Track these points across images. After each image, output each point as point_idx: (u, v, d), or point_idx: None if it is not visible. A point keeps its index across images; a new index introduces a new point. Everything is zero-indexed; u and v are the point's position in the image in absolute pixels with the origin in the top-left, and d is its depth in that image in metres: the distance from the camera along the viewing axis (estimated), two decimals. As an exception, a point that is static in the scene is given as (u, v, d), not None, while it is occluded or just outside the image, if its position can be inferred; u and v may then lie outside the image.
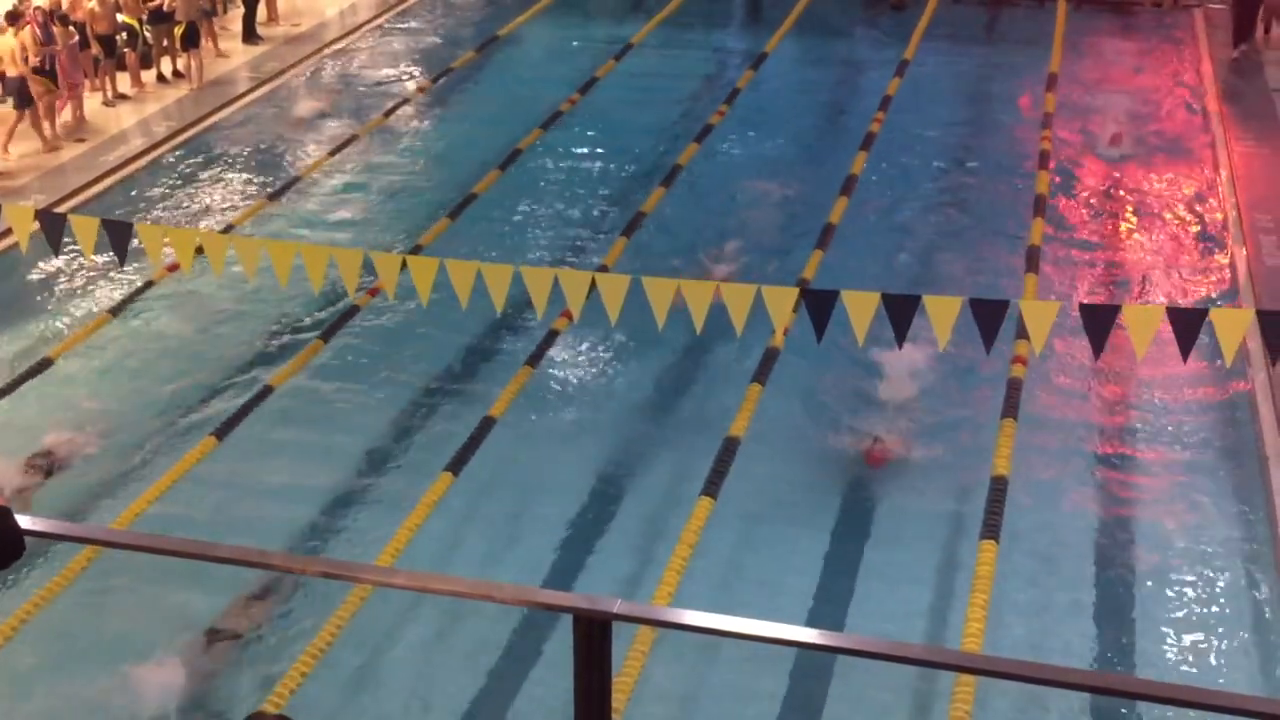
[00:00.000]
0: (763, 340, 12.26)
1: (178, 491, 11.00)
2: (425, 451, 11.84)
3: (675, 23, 23.53)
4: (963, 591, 9.77)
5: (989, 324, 9.76)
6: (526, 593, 3.12)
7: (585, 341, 13.09)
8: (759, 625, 3.16)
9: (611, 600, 3.09)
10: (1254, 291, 13.90)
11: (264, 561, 3.26)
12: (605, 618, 3.11)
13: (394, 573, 3.20)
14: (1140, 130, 18.84)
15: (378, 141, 18.65)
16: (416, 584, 3.23)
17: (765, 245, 15.78)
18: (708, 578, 10.00)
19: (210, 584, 9.80)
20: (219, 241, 11.70)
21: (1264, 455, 11.55)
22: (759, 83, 20.79)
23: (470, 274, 10.40)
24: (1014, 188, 16.90)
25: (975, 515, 10.52)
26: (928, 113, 19.55)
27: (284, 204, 16.60)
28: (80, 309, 14.14)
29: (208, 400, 12.63)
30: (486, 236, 15.41)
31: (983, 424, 11.90)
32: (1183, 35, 22.65)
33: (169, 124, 18.81)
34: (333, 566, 3.16)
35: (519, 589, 3.41)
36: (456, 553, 10.55)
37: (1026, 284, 13.99)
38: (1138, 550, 10.79)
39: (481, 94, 21.07)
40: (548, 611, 5.91)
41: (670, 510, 10.88)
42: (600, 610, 3.09)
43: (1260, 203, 15.86)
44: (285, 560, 3.61)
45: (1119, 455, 11.96)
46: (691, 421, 12.40)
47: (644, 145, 18.66)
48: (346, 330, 13.58)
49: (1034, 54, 21.40)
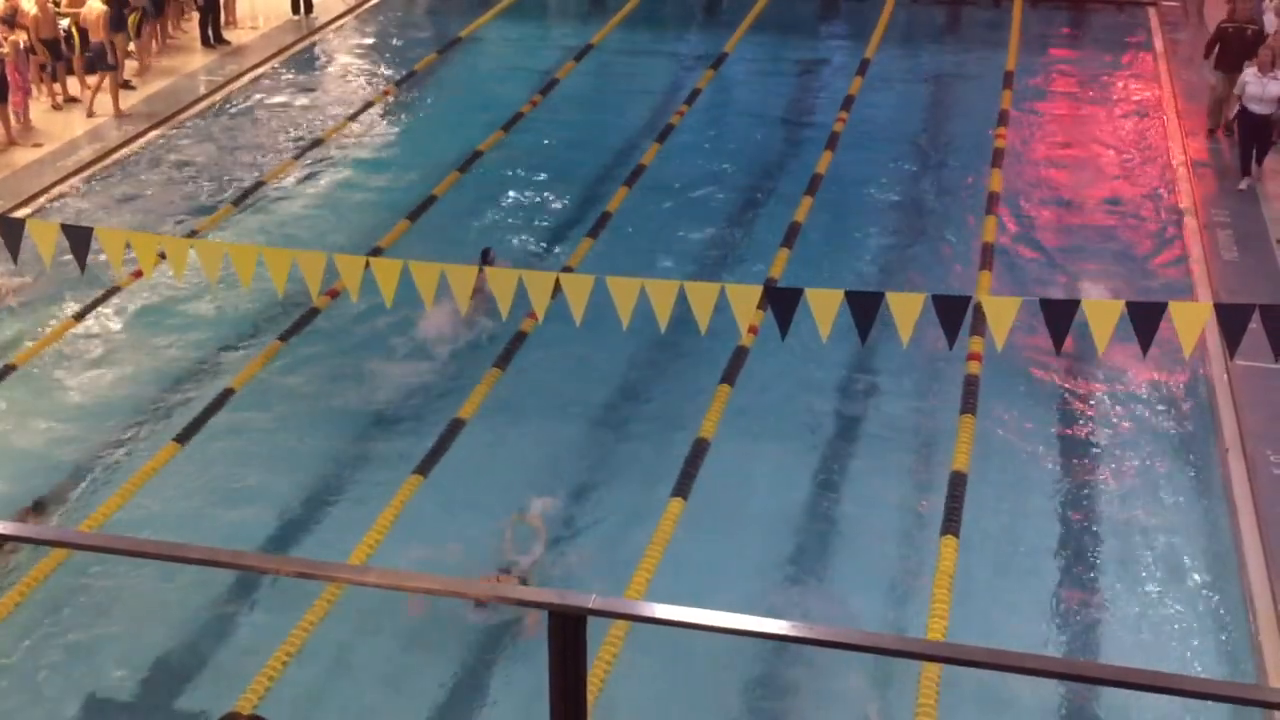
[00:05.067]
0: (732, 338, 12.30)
1: (141, 497, 10.95)
2: (393, 454, 11.82)
3: (635, 23, 23.57)
4: (925, 586, 9.87)
5: (951, 319, 9.87)
6: (501, 589, 3.14)
7: (552, 342, 13.08)
8: (734, 619, 3.19)
9: (586, 596, 3.12)
10: (1211, 286, 14.06)
11: (237, 562, 3.26)
12: (580, 613, 3.13)
13: (367, 571, 3.22)
14: (1094, 128, 19.04)
15: (340, 145, 18.58)
16: (390, 582, 3.23)
17: (730, 244, 15.86)
18: (678, 575, 10.03)
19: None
20: (180, 246, 11.65)
21: (1223, 447, 11.69)
22: (720, 82, 20.87)
23: (434, 276, 10.40)
24: (969, 185, 17.03)
25: (936, 511, 10.63)
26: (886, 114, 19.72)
27: (246, 208, 16.53)
28: (41, 315, 14.02)
29: (170, 405, 12.56)
30: (449, 238, 15.38)
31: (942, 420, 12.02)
32: (1138, 34, 22.88)
33: (127, 128, 18.67)
34: (307, 566, 3.17)
35: (493, 585, 3.42)
36: (426, 554, 10.53)
37: (980, 280, 14.11)
38: (1097, 542, 10.90)
39: (443, 96, 21.04)
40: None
41: (641, 509, 10.90)
42: (575, 605, 3.11)
43: (1215, 198, 16.05)
44: (259, 560, 3.62)
45: (1078, 448, 12.07)
46: (661, 420, 12.42)
47: (606, 146, 18.68)
48: (308, 332, 13.54)
49: (991, 53, 21.58)
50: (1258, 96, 15.81)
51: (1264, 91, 15.77)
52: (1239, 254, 14.71)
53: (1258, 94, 15.81)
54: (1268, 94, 15.76)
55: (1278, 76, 15.71)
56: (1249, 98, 15.90)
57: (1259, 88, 15.81)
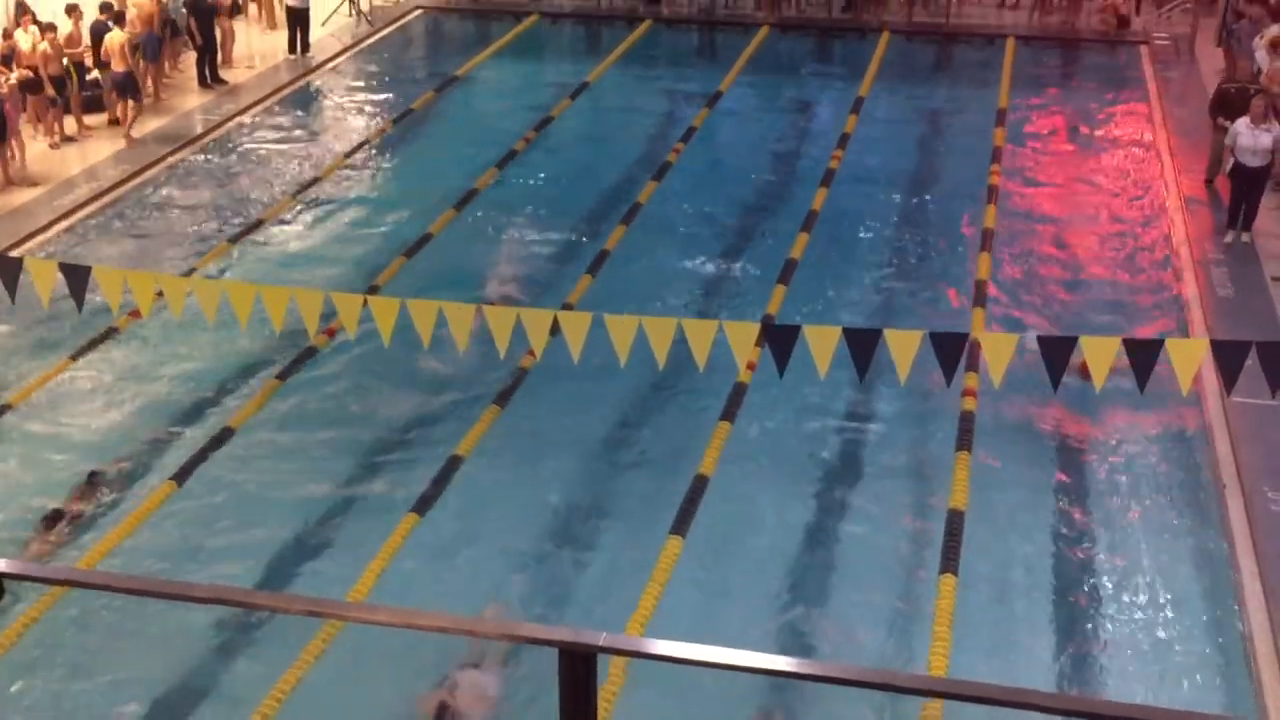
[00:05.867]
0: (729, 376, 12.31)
1: (136, 537, 10.93)
2: (391, 491, 11.81)
3: (631, 61, 23.70)
4: (925, 624, 9.86)
5: (949, 356, 9.91)
6: (510, 627, 3.14)
7: (550, 379, 13.07)
8: (740, 655, 3.19)
9: (596, 634, 3.11)
10: (1206, 323, 14.10)
11: (247, 600, 3.26)
12: (590, 650, 3.12)
13: (378, 609, 3.20)
14: (1087, 166, 19.14)
15: (337, 183, 18.62)
16: (401, 620, 3.23)
17: (727, 281, 15.91)
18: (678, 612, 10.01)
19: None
20: (178, 284, 11.66)
21: (1220, 484, 11.70)
22: (715, 120, 20.98)
23: (432, 313, 10.43)
24: (963, 222, 17.09)
25: (934, 548, 10.63)
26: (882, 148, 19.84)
27: (243, 247, 16.53)
28: (39, 354, 13.99)
29: (166, 444, 12.54)
30: (446, 276, 15.40)
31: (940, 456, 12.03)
32: (1131, 73, 23.02)
33: (124, 167, 18.71)
34: (316, 605, 3.16)
35: (502, 623, 3.41)
36: (423, 591, 10.49)
37: (975, 317, 14.15)
38: (1095, 578, 10.89)
39: (440, 134, 21.12)
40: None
41: (640, 547, 10.88)
42: (585, 643, 3.10)
43: (1210, 235, 16.10)
44: (268, 599, 3.60)
45: (1075, 484, 12.07)
46: (659, 458, 12.42)
47: (602, 183, 18.76)
48: (307, 370, 13.54)
49: (984, 91, 21.71)
50: (1250, 148, 15.64)
51: (1256, 143, 15.62)
52: (1234, 291, 14.75)
53: (1250, 145, 15.64)
54: (1259, 145, 15.62)
55: (1270, 128, 15.65)
56: (1241, 149, 15.72)
57: (1251, 139, 15.64)
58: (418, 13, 26.78)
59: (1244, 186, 15.88)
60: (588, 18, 26.49)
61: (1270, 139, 15.56)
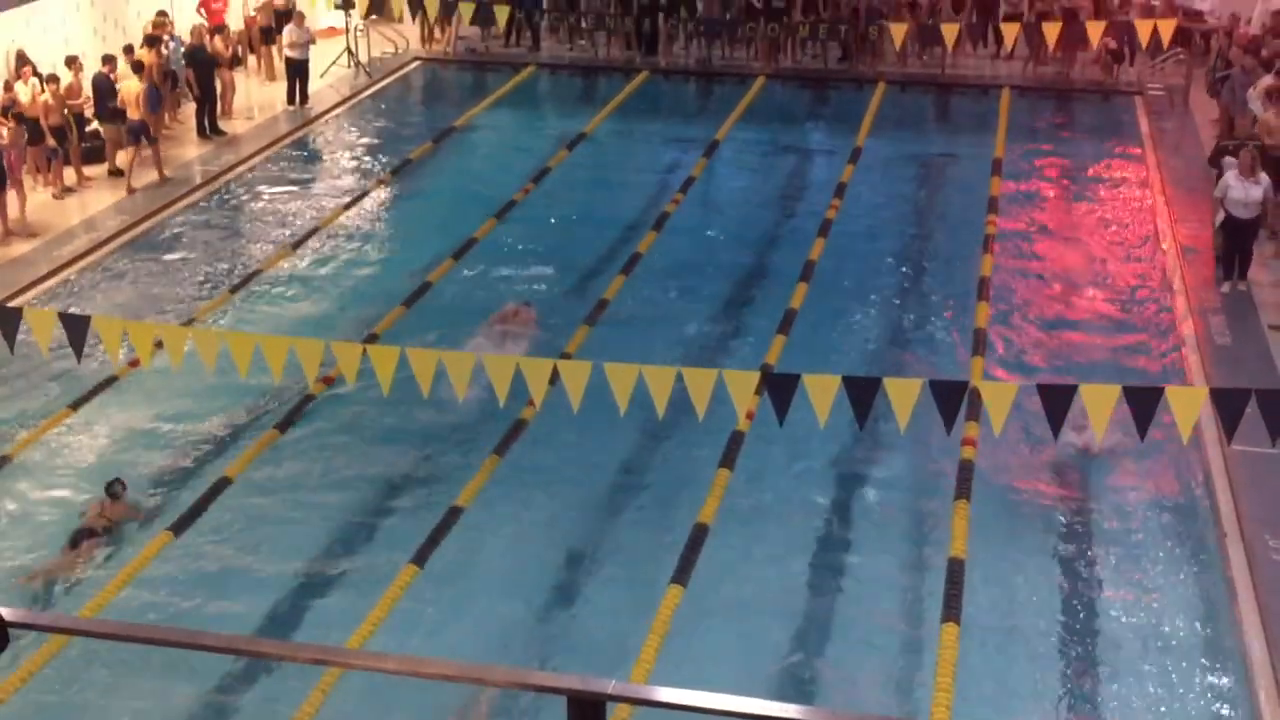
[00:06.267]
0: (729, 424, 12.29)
1: (134, 588, 10.88)
2: (391, 542, 11.76)
3: (628, 112, 23.83)
4: (928, 673, 9.82)
5: (948, 405, 9.93)
6: (519, 674, 3.11)
7: (550, 428, 13.06)
8: (748, 703, 3.17)
9: (605, 681, 3.09)
10: (1204, 371, 14.11)
11: (253, 649, 3.24)
12: (599, 698, 3.10)
13: (385, 657, 3.18)
14: (1083, 216, 19.24)
15: (336, 233, 18.66)
16: (408, 668, 3.20)
17: (726, 330, 15.94)
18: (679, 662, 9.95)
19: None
20: (178, 334, 11.69)
21: (1221, 532, 11.68)
22: (713, 170, 21.08)
23: (431, 363, 10.46)
24: (961, 271, 17.12)
25: (935, 597, 10.59)
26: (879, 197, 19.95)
27: (243, 296, 16.55)
28: (38, 403, 13.97)
29: (164, 494, 12.50)
30: (445, 326, 15.41)
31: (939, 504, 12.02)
32: (1125, 122, 23.17)
33: (123, 218, 18.76)
34: (323, 653, 3.14)
35: (511, 670, 3.41)
36: (423, 643, 10.43)
37: (973, 366, 14.16)
38: (1096, 627, 10.85)
39: (438, 184, 21.20)
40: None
41: (641, 595, 10.84)
42: (594, 691, 3.08)
43: (1207, 284, 16.14)
44: (275, 647, 3.57)
45: (1075, 533, 12.04)
46: (659, 506, 12.40)
47: (601, 233, 18.82)
48: (305, 419, 13.53)
49: (980, 140, 21.84)
50: (1240, 200, 15.67)
51: (1246, 195, 15.65)
52: (1232, 339, 14.77)
53: (1240, 198, 15.66)
54: (1250, 198, 15.65)
55: (1260, 180, 15.71)
56: (1231, 201, 15.74)
57: (1241, 192, 15.66)
58: (416, 64, 26.95)
59: (1235, 238, 15.92)
60: (585, 69, 26.66)
61: (1260, 191, 15.63)
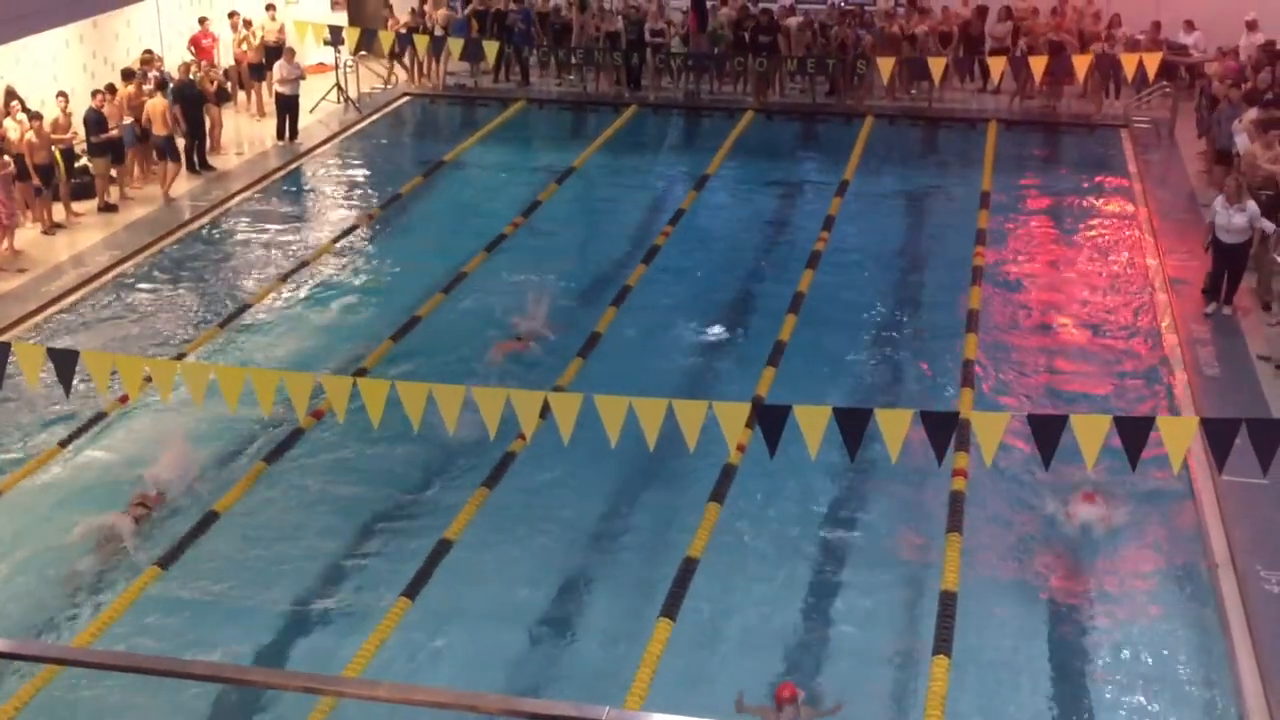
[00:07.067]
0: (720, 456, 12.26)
1: (121, 624, 10.82)
2: (380, 576, 11.71)
3: (617, 146, 23.89)
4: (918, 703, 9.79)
5: (939, 436, 9.93)
6: (513, 702, 3.08)
7: (540, 460, 13.02)
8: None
9: (599, 709, 3.06)
10: (1194, 402, 14.13)
11: (242, 678, 3.21)
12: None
13: (376, 685, 3.16)
14: (1071, 247, 19.30)
15: (325, 267, 18.66)
16: (400, 696, 3.17)
17: (716, 362, 15.93)
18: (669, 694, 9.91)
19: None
20: (167, 369, 11.66)
21: (1212, 562, 11.66)
22: (702, 203, 21.12)
23: (421, 396, 10.44)
24: (949, 302, 17.15)
25: (927, 627, 10.56)
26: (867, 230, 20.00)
27: (232, 331, 16.52)
28: (27, 439, 13.92)
29: (152, 528, 12.43)
30: (434, 359, 15.39)
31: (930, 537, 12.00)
32: (1112, 155, 23.28)
33: (112, 253, 18.73)
34: (314, 681, 3.11)
35: (504, 699, 3.37)
36: (415, 677, 10.37)
37: (963, 397, 14.17)
38: (1088, 659, 10.82)
39: (428, 218, 21.22)
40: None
41: (630, 628, 10.79)
42: (589, 718, 3.05)
43: (1195, 315, 16.18)
44: (265, 675, 3.54)
45: (1065, 565, 12.02)
46: (649, 539, 12.36)
47: (590, 266, 18.85)
48: (294, 453, 13.48)
49: (967, 173, 21.92)
50: (1224, 226, 15.85)
51: (1229, 222, 15.81)
52: (1220, 370, 14.80)
53: (1224, 224, 15.85)
54: (1233, 225, 15.81)
55: (1244, 207, 15.82)
56: (1217, 227, 15.99)
57: (1225, 218, 15.85)
58: (405, 99, 27.03)
59: (1221, 261, 16.14)
60: (574, 103, 26.76)
61: (1243, 218, 15.77)
